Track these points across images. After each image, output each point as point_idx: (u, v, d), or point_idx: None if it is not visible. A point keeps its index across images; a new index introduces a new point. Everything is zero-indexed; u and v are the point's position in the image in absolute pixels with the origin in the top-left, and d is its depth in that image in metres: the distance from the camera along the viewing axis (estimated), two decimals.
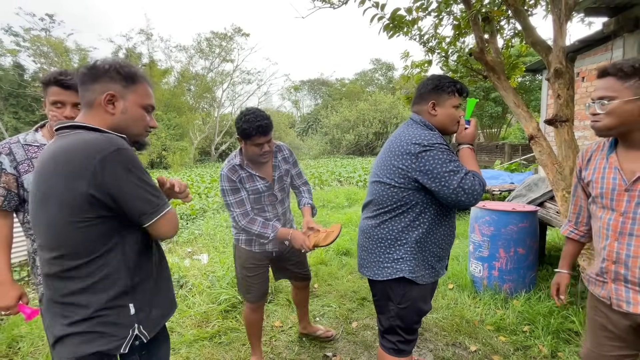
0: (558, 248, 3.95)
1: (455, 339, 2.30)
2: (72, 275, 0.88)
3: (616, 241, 1.14)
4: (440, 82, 1.46)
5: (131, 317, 0.93)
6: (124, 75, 0.96)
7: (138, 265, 0.95)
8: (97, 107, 0.94)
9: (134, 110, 0.98)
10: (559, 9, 2.18)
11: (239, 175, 1.84)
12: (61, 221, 0.85)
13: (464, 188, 1.30)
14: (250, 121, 1.71)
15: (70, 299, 0.89)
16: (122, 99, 0.95)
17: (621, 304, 1.14)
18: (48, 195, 0.86)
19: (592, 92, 1.17)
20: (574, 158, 2.26)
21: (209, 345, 2.28)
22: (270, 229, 1.84)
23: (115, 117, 0.95)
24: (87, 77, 0.95)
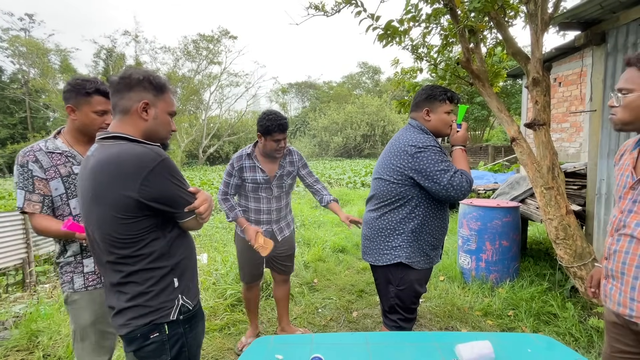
0: (538, 241, 4.25)
1: (447, 324, 2.51)
2: (126, 261, 1.02)
3: (611, 237, 1.12)
4: (433, 92, 1.67)
5: (176, 290, 1.07)
6: (155, 85, 1.07)
7: (177, 248, 1.09)
8: (133, 114, 1.05)
9: (163, 116, 1.10)
10: (535, 24, 2.43)
11: (242, 164, 2.09)
12: (111, 218, 0.98)
13: (453, 185, 1.50)
14: (272, 120, 1.99)
15: (127, 279, 1.03)
16: (154, 107, 1.07)
17: (606, 299, 1.12)
18: (100, 196, 0.98)
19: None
20: (550, 158, 2.51)
21: (219, 336, 2.41)
22: (232, 215, 2.12)
23: (148, 123, 1.07)
24: (122, 86, 1.05)
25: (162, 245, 1.05)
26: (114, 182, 0.96)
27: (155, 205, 0.99)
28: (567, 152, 6.89)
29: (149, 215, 1.00)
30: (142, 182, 0.95)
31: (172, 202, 1.02)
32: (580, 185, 3.22)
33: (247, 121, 30.84)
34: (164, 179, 0.99)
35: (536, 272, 3.19)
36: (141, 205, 0.97)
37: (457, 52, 3.57)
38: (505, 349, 0.97)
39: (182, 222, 1.07)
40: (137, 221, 0.99)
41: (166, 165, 1.00)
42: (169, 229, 1.07)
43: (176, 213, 1.04)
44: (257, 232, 2.03)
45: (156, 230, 1.03)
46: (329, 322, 2.62)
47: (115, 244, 1.00)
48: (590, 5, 2.43)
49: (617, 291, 1.07)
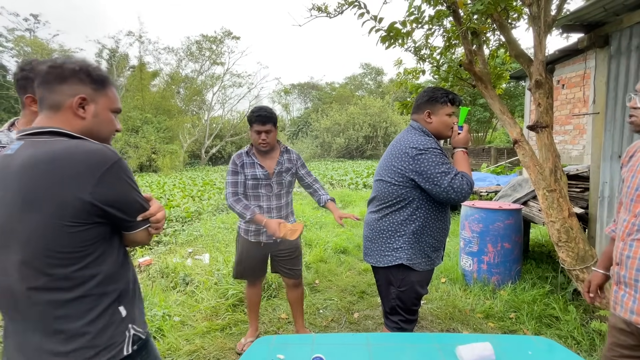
0: (540, 244, 4.24)
1: (449, 326, 2.51)
2: (62, 285, 0.82)
3: (622, 242, 1.08)
4: (434, 94, 1.68)
5: (125, 320, 0.92)
6: (94, 78, 0.92)
7: (125, 269, 0.95)
8: (65, 110, 0.89)
9: (105, 114, 0.95)
10: (538, 26, 2.43)
11: (242, 160, 2.11)
12: (52, 226, 0.80)
13: (453, 187, 1.50)
14: (254, 111, 2.06)
15: (61, 310, 0.83)
16: (93, 103, 0.92)
17: (616, 306, 1.10)
18: (37, 199, 0.80)
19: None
20: (553, 160, 2.50)
21: (220, 336, 2.42)
22: (249, 212, 2.04)
23: (87, 122, 0.91)
24: (52, 77, 0.88)
25: (110, 265, 0.89)
26: (62, 182, 0.79)
27: (109, 210, 0.85)
28: (570, 155, 6.87)
29: (98, 224, 0.85)
30: (97, 182, 0.81)
31: (128, 208, 0.89)
32: (583, 187, 3.21)
33: None
34: (121, 180, 0.86)
35: (538, 274, 3.18)
36: (93, 210, 0.82)
37: (460, 54, 3.58)
38: (506, 351, 0.97)
39: (132, 233, 0.93)
40: (84, 230, 0.82)
41: (124, 165, 0.88)
42: (117, 245, 0.92)
43: (128, 221, 0.90)
44: (279, 223, 2.01)
45: (104, 244, 0.88)
46: (330, 323, 2.63)
47: (53, 261, 0.81)
48: (593, 7, 2.43)
49: (631, 299, 1.03)
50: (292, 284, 2.32)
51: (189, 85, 27.98)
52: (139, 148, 20.36)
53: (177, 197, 9.10)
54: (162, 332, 2.39)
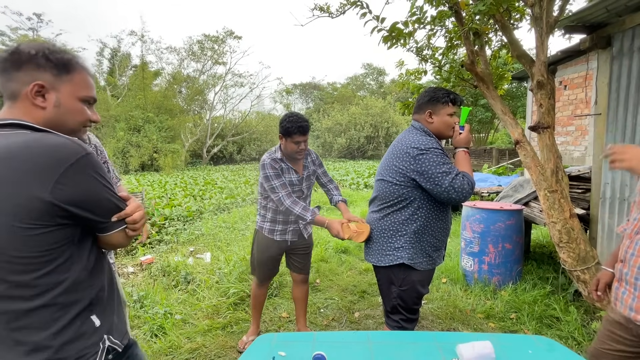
0: (542, 245, 4.23)
1: (449, 326, 2.52)
2: (22, 293, 0.74)
3: (629, 239, 1.10)
4: (435, 94, 1.68)
5: (98, 330, 0.83)
6: (54, 63, 0.82)
7: (97, 274, 0.86)
8: (23, 99, 0.80)
9: (70, 103, 0.84)
10: (540, 27, 2.43)
11: (280, 165, 2.10)
12: (7, 228, 0.72)
13: (454, 187, 1.50)
14: (293, 122, 2.01)
15: (22, 321, 0.75)
16: (54, 91, 0.82)
17: (616, 302, 1.13)
18: None
19: None
20: (554, 161, 2.51)
21: (221, 334, 2.43)
22: (310, 213, 2.00)
23: (48, 112, 0.81)
24: (8, 64, 0.80)
25: (79, 271, 0.80)
26: (17, 179, 0.71)
27: (75, 211, 0.76)
28: (572, 156, 6.85)
29: (64, 226, 0.76)
30: (58, 180, 0.73)
31: (97, 207, 0.80)
32: (585, 188, 3.21)
33: (251, 121, 30.95)
34: (89, 177, 0.77)
35: (539, 275, 3.18)
36: (54, 210, 0.73)
37: (462, 55, 3.58)
38: (505, 350, 0.98)
39: (106, 235, 0.84)
40: (46, 232, 0.74)
41: (91, 160, 0.78)
42: (89, 249, 0.83)
43: (101, 222, 0.82)
44: (342, 224, 1.90)
45: (71, 247, 0.79)
46: (331, 322, 2.63)
47: (11, 267, 0.73)
48: (596, 8, 2.43)
49: (630, 296, 1.05)
50: (300, 279, 2.34)
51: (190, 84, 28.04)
52: (141, 147, 20.42)
53: (178, 196, 9.13)
54: (164, 330, 2.41)
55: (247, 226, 5.61)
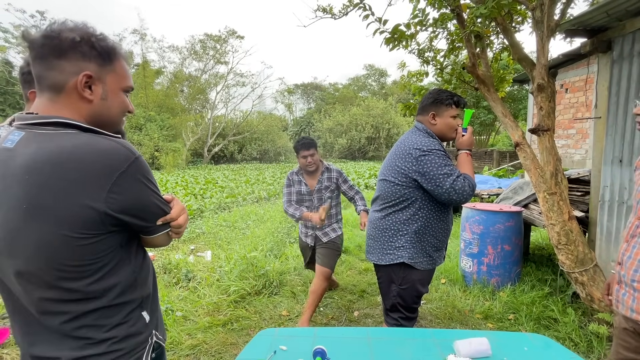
0: (541, 247, 4.25)
1: (448, 325, 2.53)
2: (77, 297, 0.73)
3: (625, 242, 1.12)
4: (439, 96, 1.70)
5: (148, 325, 0.85)
6: (99, 51, 0.75)
7: (145, 274, 0.87)
8: (69, 92, 0.74)
9: (115, 94, 0.80)
10: (541, 30, 2.45)
11: (293, 178, 2.68)
12: (60, 238, 0.70)
13: (455, 188, 1.52)
14: (299, 140, 2.61)
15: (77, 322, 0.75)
16: (100, 82, 0.77)
17: (618, 304, 1.13)
18: (42, 208, 0.68)
19: None
20: (554, 163, 2.52)
21: (222, 331, 2.45)
22: (299, 212, 2.57)
23: (95, 105, 0.77)
24: (47, 50, 0.72)
25: (128, 273, 0.80)
26: (70, 189, 0.68)
27: (125, 218, 0.74)
28: (573, 159, 6.87)
29: (114, 232, 0.75)
30: (110, 189, 0.70)
31: (146, 213, 0.78)
32: (584, 191, 3.23)
33: (252, 121, 31.00)
34: (139, 183, 0.75)
35: (538, 277, 3.20)
36: (107, 220, 0.72)
37: (464, 57, 3.60)
38: (501, 347, 1.00)
39: (151, 237, 0.83)
40: (98, 241, 0.72)
41: (141, 165, 0.75)
42: (135, 250, 0.83)
43: (147, 227, 0.80)
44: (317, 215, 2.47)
45: (120, 252, 0.78)
46: (330, 321, 2.65)
47: (62, 275, 0.71)
48: (596, 12, 2.45)
49: (630, 297, 1.07)
50: (320, 272, 2.56)
51: (192, 83, 28.10)
52: (142, 146, 20.48)
53: (179, 194, 9.16)
54: (165, 327, 2.43)
55: (248, 225, 5.63)
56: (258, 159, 30.24)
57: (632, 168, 2.52)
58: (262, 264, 3.29)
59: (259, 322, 2.59)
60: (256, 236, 4.73)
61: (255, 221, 5.89)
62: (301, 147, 2.54)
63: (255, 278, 3.11)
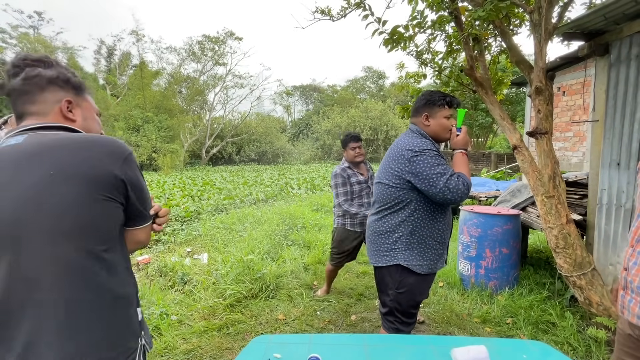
0: (539, 250, 4.24)
1: (446, 330, 2.51)
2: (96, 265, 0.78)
3: (631, 247, 1.10)
4: (432, 97, 1.69)
5: (139, 324, 0.86)
6: (74, 84, 0.91)
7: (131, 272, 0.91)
8: (54, 116, 0.87)
9: (92, 116, 0.95)
10: (539, 33, 2.45)
11: (347, 173, 2.81)
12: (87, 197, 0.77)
13: (449, 187, 1.50)
14: (347, 134, 2.86)
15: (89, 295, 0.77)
16: (79, 107, 0.92)
17: (624, 310, 1.12)
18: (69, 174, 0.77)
19: None
20: (552, 166, 2.52)
21: (217, 336, 2.42)
22: (363, 209, 2.76)
23: (79, 124, 0.90)
24: (30, 87, 0.85)
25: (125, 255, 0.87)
26: (96, 157, 0.80)
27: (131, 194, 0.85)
28: (570, 162, 6.88)
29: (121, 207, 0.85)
30: (123, 163, 0.83)
31: (144, 197, 0.89)
32: (582, 194, 3.22)
33: (250, 123, 30.98)
34: (137, 171, 0.88)
35: (536, 280, 3.18)
36: (119, 186, 0.82)
37: (462, 59, 3.60)
38: (500, 354, 0.98)
39: (140, 227, 0.90)
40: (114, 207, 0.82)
41: (135, 158, 0.89)
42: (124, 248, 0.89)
43: (142, 213, 0.90)
44: None
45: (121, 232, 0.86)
46: (327, 325, 2.63)
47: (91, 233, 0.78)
48: (594, 16, 2.45)
49: (637, 304, 1.06)
50: None
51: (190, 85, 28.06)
52: (140, 147, 20.41)
53: (176, 196, 9.11)
54: (160, 331, 2.40)
55: (245, 227, 5.60)
56: (256, 161, 30.19)
57: (629, 171, 2.51)
58: (258, 267, 3.26)
59: (255, 326, 2.56)
60: (253, 239, 4.69)
61: (252, 223, 5.85)
62: (351, 140, 2.80)
63: (251, 281, 3.08)
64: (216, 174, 17.90)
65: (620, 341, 1.15)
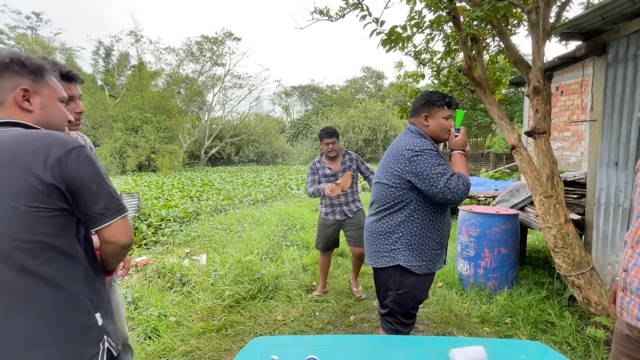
0: (537, 250, 4.25)
1: (445, 330, 2.51)
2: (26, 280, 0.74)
3: (631, 249, 1.10)
4: (431, 97, 1.69)
5: (100, 329, 0.83)
6: (30, 69, 0.85)
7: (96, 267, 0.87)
8: (9, 105, 0.83)
9: (53, 104, 0.89)
10: (537, 33, 2.45)
11: (317, 166, 3.02)
12: (19, 210, 0.73)
13: (449, 187, 1.50)
14: (322, 130, 2.99)
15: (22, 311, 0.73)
16: (37, 95, 0.86)
17: (623, 312, 1.11)
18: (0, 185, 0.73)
19: None
20: (550, 166, 2.52)
21: (216, 337, 2.41)
22: (320, 187, 2.85)
23: (35, 115, 0.85)
24: None
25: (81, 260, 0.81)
26: (19, 167, 0.74)
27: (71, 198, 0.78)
28: (569, 161, 6.89)
29: (65, 212, 0.78)
30: (57, 162, 0.76)
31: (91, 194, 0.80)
32: (580, 194, 3.22)
33: (249, 123, 30.96)
34: (85, 165, 0.80)
35: (535, 280, 3.18)
36: (54, 193, 0.76)
37: (460, 59, 3.60)
38: (498, 355, 0.98)
39: (109, 226, 0.82)
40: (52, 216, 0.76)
41: (86, 153, 0.81)
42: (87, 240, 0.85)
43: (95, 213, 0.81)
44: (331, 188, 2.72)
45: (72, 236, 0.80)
46: (326, 325, 2.62)
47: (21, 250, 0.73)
48: (591, 16, 2.45)
49: (636, 306, 1.05)
50: (355, 252, 3.04)
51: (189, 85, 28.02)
52: (139, 147, 20.37)
53: (175, 197, 9.10)
54: (158, 332, 2.39)
55: (244, 228, 5.59)
56: (255, 161, 30.17)
57: (627, 171, 2.52)
58: (257, 268, 3.26)
59: (254, 328, 2.55)
60: (252, 239, 4.69)
61: (251, 224, 5.85)
62: (325, 135, 2.94)
63: (250, 282, 3.07)
64: (215, 174, 17.88)
65: (618, 341, 1.15)
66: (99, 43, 27.10)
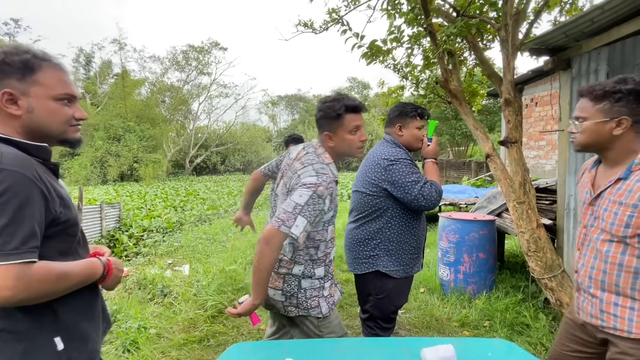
0: (515, 254, 4.39)
1: (426, 334, 2.56)
2: None
3: (578, 251, 1.20)
4: (404, 109, 1.79)
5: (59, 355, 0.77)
6: (15, 66, 0.75)
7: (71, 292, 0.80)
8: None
9: (44, 105, 0.78)
10: (507, 49, 2.60)
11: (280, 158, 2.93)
12: None
13: (423, 195, 1.59)
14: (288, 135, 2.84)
15: None
16: (24, 96, 0.76)
17: (579, 311, 1.18)
18: None
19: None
20: (522, 174, 2.64)
21: (197, 348, 2.38)
22: None
23: (23, 119, 0.76)
24: None
25: None
26: None
27: None
28: (544, 169, 7.18)
29: None
30: None
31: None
32: (552, 200, 3.37)
33: (235, 132, 30.83)
34: None
35: (512, 284, 3.29)
36: None
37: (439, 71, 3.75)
38: (467, 353, 1.03)
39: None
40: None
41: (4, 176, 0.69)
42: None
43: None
44: None
45: None
46: None
47: None
48: (556, 33, 2.62)
49: (589, 304, 1.12)
50: None
51: (174, 94, 27.79)
52: (121, 157, 19.97)
53: (158, 207, 8.94)
54: (137, 345, 2.34)
55: (228, 237, 5.55)
56: (241, 170, 29.97)
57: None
58: (241, 277, 3.24)
59: (237, 338, 2.53)
60: (236, 249, 4.65)
61: (236, 233, 5.80)
62: (292, 141, 3.01)
63: (233, 292, 3.06)
64: (200, 184, 17.66)
65: (568, 330, 1.24)
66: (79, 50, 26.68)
